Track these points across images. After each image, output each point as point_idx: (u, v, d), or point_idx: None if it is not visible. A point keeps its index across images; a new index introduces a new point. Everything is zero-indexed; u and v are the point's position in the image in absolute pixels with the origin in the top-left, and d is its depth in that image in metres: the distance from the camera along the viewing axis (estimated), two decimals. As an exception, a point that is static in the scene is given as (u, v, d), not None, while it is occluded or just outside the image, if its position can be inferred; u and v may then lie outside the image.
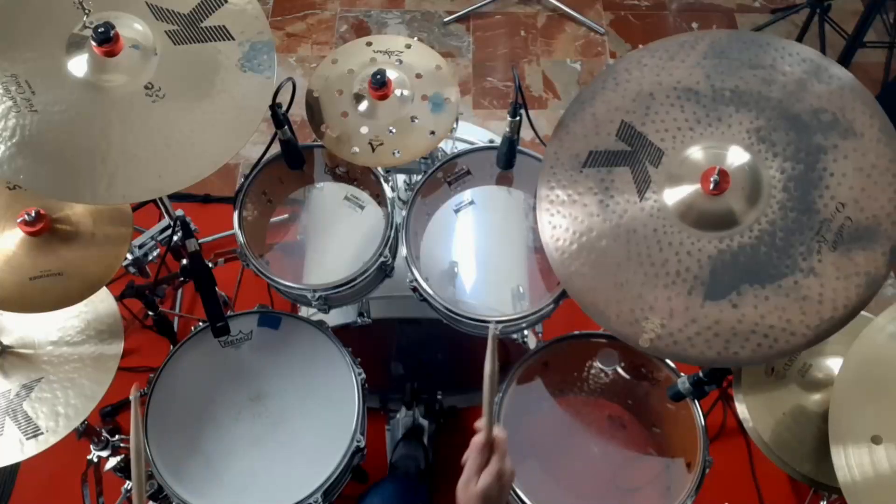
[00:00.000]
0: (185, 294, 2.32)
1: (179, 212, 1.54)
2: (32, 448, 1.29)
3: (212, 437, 1.39)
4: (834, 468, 1.05)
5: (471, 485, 1.01)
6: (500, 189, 1.55)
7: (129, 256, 1.61)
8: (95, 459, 1.58)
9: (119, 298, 1.50)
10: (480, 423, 1.03)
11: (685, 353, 1.04)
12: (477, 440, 1.03)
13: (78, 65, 1.15)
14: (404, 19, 3.00)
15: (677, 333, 1.04)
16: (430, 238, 1.49)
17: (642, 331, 1.06)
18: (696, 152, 1.09)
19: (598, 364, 1.47)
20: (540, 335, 1.73)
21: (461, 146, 1.56)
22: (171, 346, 1.49)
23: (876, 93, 2.56)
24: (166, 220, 1.66)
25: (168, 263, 1.73)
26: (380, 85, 1.32)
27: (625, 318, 1.07)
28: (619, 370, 1.47)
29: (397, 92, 1.35)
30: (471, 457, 1.02)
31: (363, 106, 1.35)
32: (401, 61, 1.39)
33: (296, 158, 1.44)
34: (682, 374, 1.32)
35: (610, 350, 1.46)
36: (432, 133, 1.33)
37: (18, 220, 1.30)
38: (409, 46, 1.41)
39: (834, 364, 1.29)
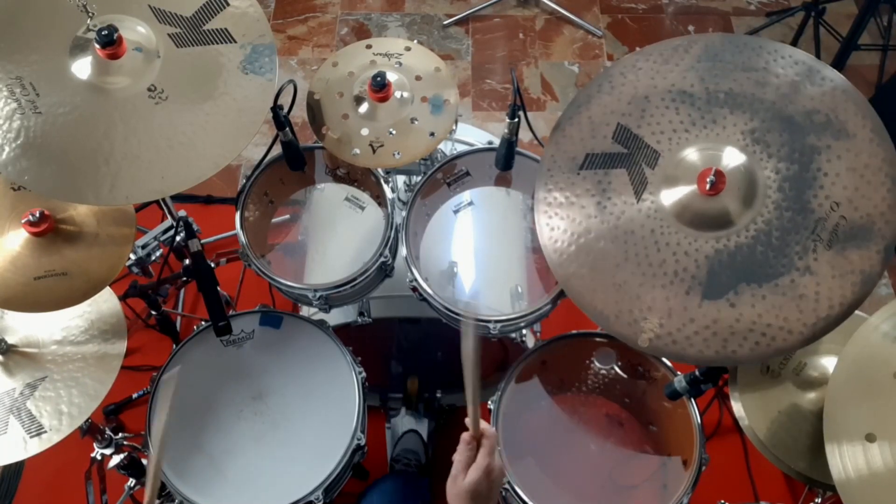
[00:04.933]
0: (187, 294, 2.33)
1: (182, 212, 1.54)
2: (36, 446, 1.30)
3: (214, 435, 1.40)
4: (828, 465, 1.06)
5: (458, 480, 0.98)
6: (499, 190, 1.56)
7: (133, 256, 1.61)
8: (99, 457, 1.58)
9: (122, 298, 1.51)
10: (469, 421, 1.02)
11: (684, 352, 1.06)
12: (465, 436, 1.01)
13: (81, 67, 1.16)
14: (404, 22, 3.01)
15: (676, 333, 1.05)
16: (429, 238, 1.50)
17: (641, 331, 1.07)
18: (691, 154, 1.10)
19: (595, 363, 1.49)
20: (538, 334, 1.74)
21: (460, 147, 1.57)
22: (174, 346, 1.50)
23: (870, 95, 2.58)
24: (169, 221, 1.67)
25: (171, 263, 1.75)
26: (380, 87, 1.33)
27: (624, 318, 1.08)
28: (617, 369, 1.48)
29: (397, 94, 1.36)
30: (458, 452, 1.01)
31: (363, 108, 1.36)
32: (401, 64, 1.40)
33: (297, 160, 1.45)
34: (679, 372, 1.33)
35: (607, 349, 1.48)
36: (432, 134, 1.35)
37: (23, 221, 1.31)
38: (408, 49, 1.42)
39: (828, 363, 1.30)
